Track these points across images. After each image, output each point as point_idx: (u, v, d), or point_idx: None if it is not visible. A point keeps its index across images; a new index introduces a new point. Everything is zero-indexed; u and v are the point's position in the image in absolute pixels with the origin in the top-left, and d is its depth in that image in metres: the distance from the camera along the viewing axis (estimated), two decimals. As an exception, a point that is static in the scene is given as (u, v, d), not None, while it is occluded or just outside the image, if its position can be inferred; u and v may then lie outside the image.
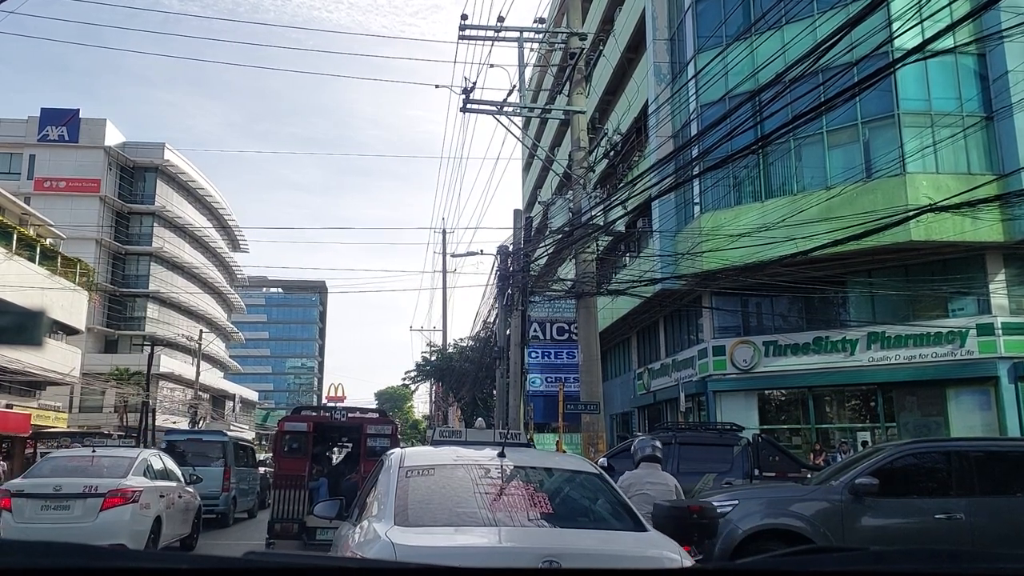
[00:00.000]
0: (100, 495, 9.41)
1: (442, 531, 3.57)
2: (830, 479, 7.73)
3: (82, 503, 9.39)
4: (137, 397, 40.12)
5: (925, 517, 7.04)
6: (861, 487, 7.13)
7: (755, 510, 7.45)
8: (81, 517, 9.33)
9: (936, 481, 7.51)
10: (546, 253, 17.45)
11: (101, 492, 9.43)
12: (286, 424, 11.94)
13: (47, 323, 20.58)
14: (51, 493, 9.46)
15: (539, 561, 3.06)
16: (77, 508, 9.38)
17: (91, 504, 9.37)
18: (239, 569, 1.34)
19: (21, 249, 30.22)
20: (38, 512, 9.36)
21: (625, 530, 3.84)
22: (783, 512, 7.39)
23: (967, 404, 18.16)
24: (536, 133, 37.38)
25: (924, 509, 7.15)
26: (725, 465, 11.43)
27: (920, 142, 16.56)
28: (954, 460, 7.46)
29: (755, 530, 7.23)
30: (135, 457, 10.76)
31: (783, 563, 1.56)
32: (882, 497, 7.12)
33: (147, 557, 1.32)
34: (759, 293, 19.42)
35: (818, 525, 7.14)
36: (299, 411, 13.01)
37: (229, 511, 16.71)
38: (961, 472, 7.31)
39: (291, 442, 11.38)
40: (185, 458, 16.51)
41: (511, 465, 4.17)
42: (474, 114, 15.41)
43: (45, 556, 1.30)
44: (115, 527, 9.26)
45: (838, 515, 7.16)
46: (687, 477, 11.29)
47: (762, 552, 7.61)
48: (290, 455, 11.26)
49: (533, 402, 21.40)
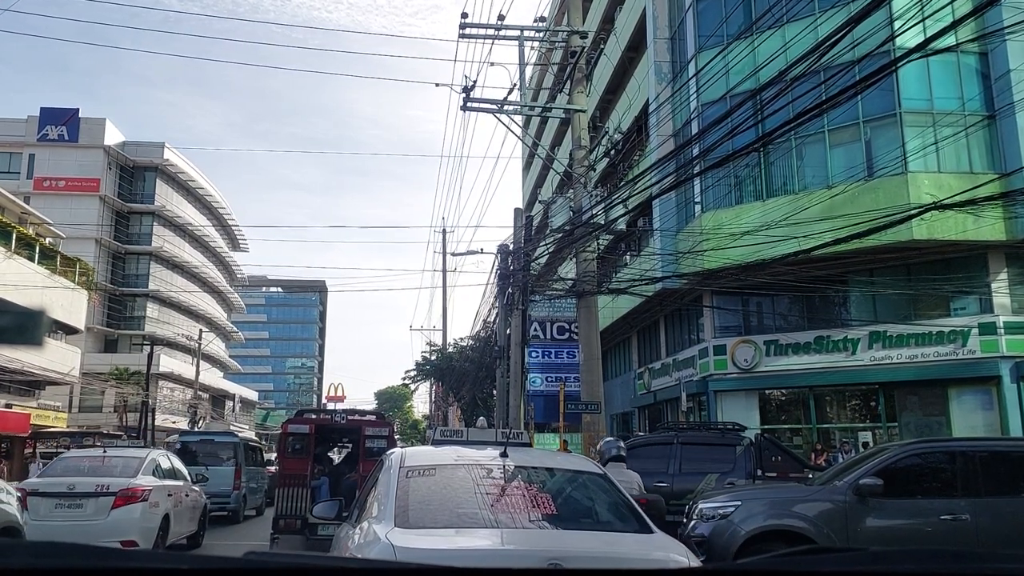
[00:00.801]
0: (111, 494, 9.77)
1: (443, 533, 3.50)
2: (833, 480, 7.65)
3: (94, 501, 9.77)
4: (137, 397, 40.09)
5: (930, 518, 6.97)
6: (866, 488, 7.06)
7: (758, 511, 7.40)
8: (93, 515, 9.68)
9: (941, 482, 7.43)
10: (547, 252, 17.40)
11: (112, 491, 9.80)
12: (289, 426, 12.27)
13: (47, 323, 20.58)
14: (65, 492, 9.82)
15: (543, 564, 3.00)
16: (89, 506, 9.76)
17: (103, 503, 9.74)
18: (239, 569, 1.34)
19: (20, 248, 30.15)
20: (52, 510, 9.69)
21: (631, 532, 3.77)
22: (786, 513, 7.32)
23: (969, 404, 18.10)
24: (536, 132, 37.33)
25: (929, 510, 7.07)
26: (728, 465, 11.35)
27: (922, 141, 16.50)
28: (959, 460, 7.38)
29: (758, 531, 7.17)
30: (144, 457, 11.15)
31: (783, 563, 1.58)
32: (886, 498, 7.05)
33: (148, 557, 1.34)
34: (760, 292, 19.37)
35: (821, 526, 7.07)
36: (302, 414, 13.32)
37: (240, 508, 17.22)
38: (966, 473, 7.23)
39: (294, 443, 11.73)
40: (197, 458, 17.14)
41: (513, 465, 4.11)
42: (474, 113, 15.37)
43: (46, 556, 1.31)
44: (125, 524, 9.64)
45: (842, 516, 7.09)
46: (689, 477, 11.21)
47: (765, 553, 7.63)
48: (293, 455, 11.63)
49: (533, 402, 21.33)
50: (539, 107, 17.35)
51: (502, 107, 15.15)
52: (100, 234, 48.55)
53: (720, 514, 7.56)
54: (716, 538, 7.29)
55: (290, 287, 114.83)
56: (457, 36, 15.19)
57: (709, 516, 7.66)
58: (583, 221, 14.07)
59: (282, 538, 10.85)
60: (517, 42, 15.79)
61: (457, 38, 15.26)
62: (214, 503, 15.82)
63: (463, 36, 15.08)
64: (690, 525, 7.84)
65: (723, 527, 7.42)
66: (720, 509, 7.61)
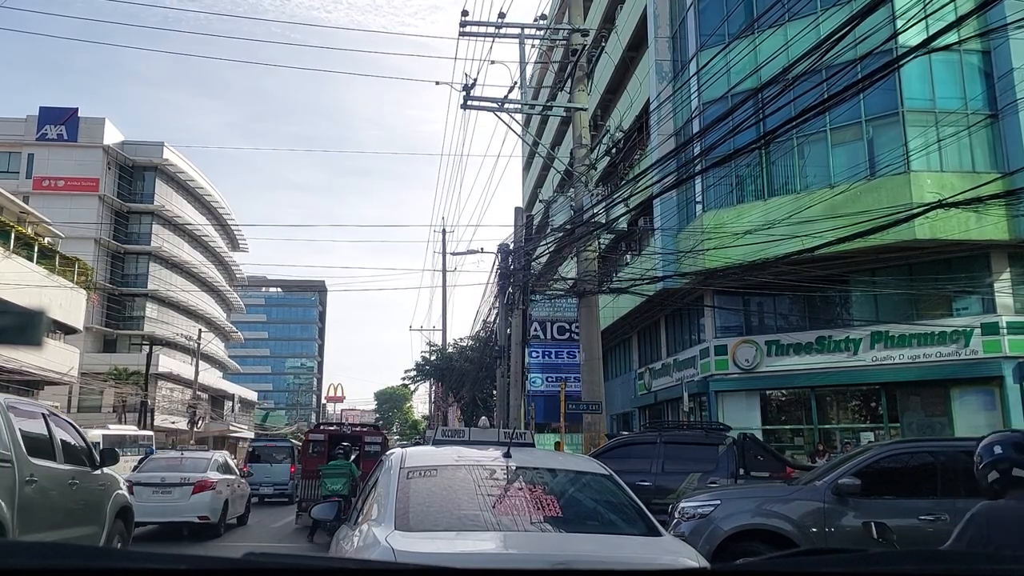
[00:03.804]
0: (191, 484, 13.67)
1: (445, 536, 3.41)
2: (814, 480, 7.69)
3: (179, 489, 13.65)
4: (136, 397, 40.03)
5: (909, 518, 6.93)
6: (844, 487, 7.08)
7: (738, 510, 7.47)
8: (179, 499, 13.53)
9: (921, 482, 7.41)
10: (547, 251, 17.32)
11: (191, 482, 13.71)
12: (311, 435, 17.31)
13: (47, 323, 20.59)
14: (158, 483, 13.75)
15: (548, 568, 2.90)
16: (176, 492, 13.62)
17: (185, 490, 13.62)
18: (239, 569, 1.36)
19: (19, 248, 30.04)
20: (150, 495, 13.36)
21: (639, 535, 3.66)
22: (765, 512, 7.37)
23: (971, 404, 18.00)
24: (536, 132, 37.26)
25: (908, 510, 7.05)
26: (710, 465, 11.29)
27: (924, 140, 16.42)
28: (940, 461, 7.38)
29: (737, 530, 7.23)
30: (210, 458, 15.46)
31: (783, 564, 1.59)
32: (866, 498, 7.06)
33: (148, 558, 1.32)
34: (762, 292, 19.29)
35: (800, 526, 7.11)
36: (319, 427, 18.57)
37: (294, 494, 21.19)
38: (947, 473, 7.20)
39: (314, 447, 16.31)
40: (261, 458, 23.19)
41: (517, 466, 4.01)
42: (474, 112, 15.28)
43: (47, 556, 1.33)
44: (201, 505, 13.54)
45: (821, 516, 7.12)
46: (672, 477, 11.18)
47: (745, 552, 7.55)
48: (313, 456, 16.00)
49: (534, 402, 21.26)
50: (540, 105, 17.27)
51: (503, 105, 15.07)
52: (99, 234, 48.44)
53: (700, 513, 7.59)
54: (695, 536, 7.29)
55: (289, 287, 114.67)
56: (457, 34, 15.12)
57: (690, 515, 7.70)
58: (584, 220, 13.99)
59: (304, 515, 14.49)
60: (518, 40, 15.71)
61: (457, 36, 15.19)
62: (276, 490, 22.33)
63: (463, 34, 15.00)
64: (672, 524, 7.84)
65: (703, 526, 7.47)
66: (700, 508, 7.66)
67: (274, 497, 22.47)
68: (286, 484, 22.42)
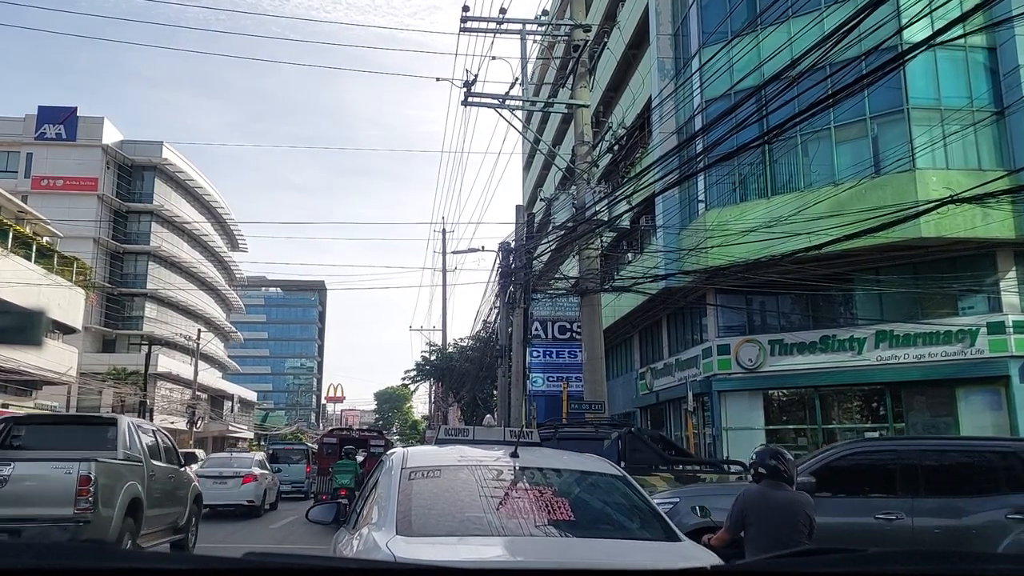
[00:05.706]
0: (241, 476, 18.48)
1: (448, 541, 3.24)
2: None
3: (233, 480, 18.34)
4: (135, 397, 39.87)
5: (865, 517, 6.98)
6: (799, 485, 7.04)
7: (687, 508, 7.61)
8: (232, 488, 18.14)
9: (880, 481, 7.45)
10: (549, 250, 17.16)
11: (242, 475, 18.53)
12: (324, 439, 20.09)
13: (47, 323, 20.60)
14: (217, 475, 18.35)
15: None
16: (230, 483, 18.26)
17: (236, 481, 18.36)
18: (239, 569, 1.37)
19: (18, 247, 29.89)
20: (212, 486, 17.25)
21: (655, 539, 3.47)
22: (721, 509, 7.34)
23: (977, 404, 17.83)
24: (537, 130, 37.09)
25: (865, 508, 7.08)
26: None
27: (930, 137, 16.26)
28: (899, 460, 7.40)
29: (692, 528, 7.18)
30: (253, 457, 20.99)
31: (783, 564, 1.60)
32: (823, 496, 6.99)
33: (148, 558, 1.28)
34: (765, 291, 19.12)
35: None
36: (331, 432, 21.67)
37: (309, 490, 24.42)
38: (905, 472, 7.23)
39: (327, 449, 18.83)
40: (280, 459, 26.27)
41: (524, 466, 3.82)
42: (475, 109, 15.14)
43: (47, 556, 1.34)
44: (249, 492, 18.31)
45: None
46: None
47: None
48: (326, 456, 18.49)
49: (535, 402, 21.11)
50: (541, 102, 17.12)
51: (503, 102, 14.94)
52: (98, 233, 48.28)
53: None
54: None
55: (289, 287, 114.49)
56: (458, 30, 14.97)
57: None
58: (586, 218, 13.83)
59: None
60: (519, 36, 15.56)
61: (458, 32, 15.04)
62: (293, 487, 25.40)
63: (464, 30, 14.86)
64: None
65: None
66: (661, 506, 7.67)
67: (292, 494, 25.22)
68: (302, 482, 25.75)
